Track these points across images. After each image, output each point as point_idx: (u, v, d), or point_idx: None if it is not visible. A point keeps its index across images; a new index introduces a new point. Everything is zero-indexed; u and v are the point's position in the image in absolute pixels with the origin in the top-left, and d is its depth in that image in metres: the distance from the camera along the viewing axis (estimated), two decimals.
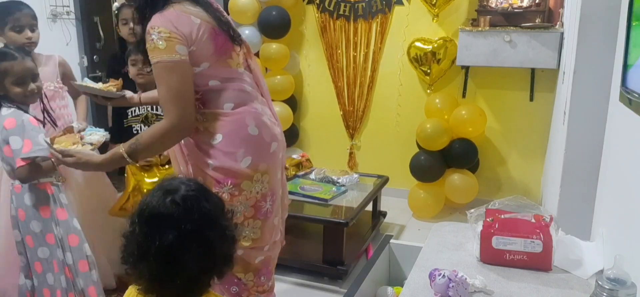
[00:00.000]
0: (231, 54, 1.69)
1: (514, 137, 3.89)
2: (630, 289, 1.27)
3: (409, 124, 4.05)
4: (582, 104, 2.19)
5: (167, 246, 1.11)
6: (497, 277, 1.64)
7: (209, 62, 1.63)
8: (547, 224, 1.70)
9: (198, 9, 1.62)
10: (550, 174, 3.08)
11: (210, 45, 1.62)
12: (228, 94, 1.67)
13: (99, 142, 1.86)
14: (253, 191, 1.69)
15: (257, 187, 1.69)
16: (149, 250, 1.11)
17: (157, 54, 1.54)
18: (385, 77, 4.15)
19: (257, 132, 1.69)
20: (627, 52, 1.58)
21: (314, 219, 2.97)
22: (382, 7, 4.03)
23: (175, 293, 1.17)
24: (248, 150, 1.66)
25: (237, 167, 1.65)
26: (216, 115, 1.66)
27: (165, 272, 1.13)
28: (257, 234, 1.74)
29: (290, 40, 4.22)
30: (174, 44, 1.53)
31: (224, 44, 1.66)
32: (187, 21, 1.56)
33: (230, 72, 1.69)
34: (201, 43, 1.59)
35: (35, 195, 2.08)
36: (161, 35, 1.52)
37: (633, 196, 1.48)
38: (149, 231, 1.13)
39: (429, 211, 3.82)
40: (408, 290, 1.62)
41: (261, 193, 1.70)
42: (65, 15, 3.65)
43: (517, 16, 3.49)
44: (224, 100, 1.67)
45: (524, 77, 3.72)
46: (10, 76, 1.99)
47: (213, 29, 1.62)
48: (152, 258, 1.12)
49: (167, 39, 1.52)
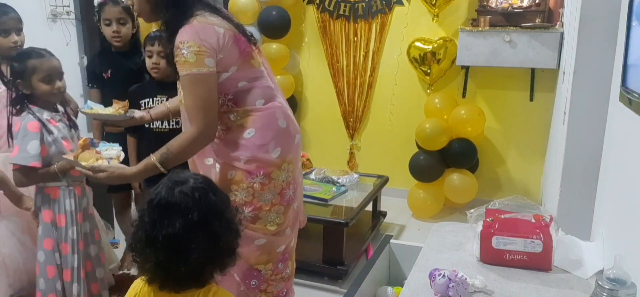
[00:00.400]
0: (252, 55, 1.78)
1: (514, 137, 3.89)
2: (630, 289, 1.27)
3: (408, 124, 4.05)
4: (582, 104, 2.19)
5: (174, 234, 1.16)
6: (497, 277, 1.64)
7: (237, 66, 1.72)
8: (547, 224, 1.70)
9: (218, 18, 1.70)
10: (550, 174, 3.08)
11: (235, 50, 1.70)
12: (257, 92, 1.77)
13: (118, 156, 1.88)
14: (280, 180, 1.79)
15: (283, 175, 1.80)
16: (157, 237, 1.17)
17: (186, 68, 1.61)
18: (385, 77, 4.15)
19: (286, 125, 1.80)
20: (627, 52, 1.58)
21: (314, 219, 2.96)
22: (382, 7, 4.03)
23: (179, 281, 1.21)
24: (278, 142, 1.77)
25: (268, 158, 1.75)
26: (249, 112, 1.75)
27: (171, 259, 1.17)
28: (281, 219, 1.83)
29: (290, 40, 4.22)
30: (203, 57, 1.61)
31: (246, 47, 1.75)
32: (212, 32, 1.64)
33: (255, 72, 1.78)
34: (227, 50, 1.67)
35: (41, 198, 2.09)
36: (191, 49, 1.60)
37: (633, 196, 1.48)
38: (157, 218, 1.18)
39: (428, 211, 3.82)
40: (408, 290, 1.62)
41: (286, 181, 1.81)
42: (65, 15, 3.65)
43: (517, 16, 3.49)
44: (255, 98, 1.76)
45: (524, 77, 3.72)
46: (38, 73, 2.00)
47: (235, 35, 1.71)
48: (159, 245, 1.17)
49: (197, 52, 1.60)
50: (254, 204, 1.76)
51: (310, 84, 4.42)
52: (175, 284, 1.22)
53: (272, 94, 1.81)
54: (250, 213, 1.76)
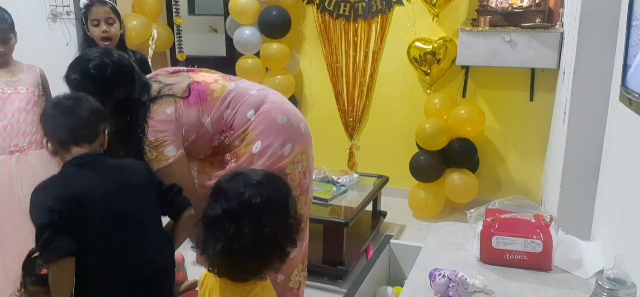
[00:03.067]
0: (207, 91, 1.78)
1: (514, 137, 3.89)
2: (630, 289, 1.27)
3: (408, 124, 4.05)
4: (582, 104, 2.19)
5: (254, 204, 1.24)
6: (497, 277, 1.64)
7: (205, 113, 1.75)
8: (547, 224, 1.69)
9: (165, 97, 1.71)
10: (550, 174, 3.08)
11: (193, 109, 1.73)
12: (242, 108, 1.78)
13: None
14: (296, 172, 1.82)
15: (299, 167, 1.83)
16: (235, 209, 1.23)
17: (154, 164, 1.69)
18: (385, 77, 4.15)
19: (286, 120, 1.81)
20: (627, 52, 1.58)
21: (314, 219, 2.95)
22: (382, 7, 4.03)
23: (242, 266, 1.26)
24: (286, 138, 1.79)
25: (281, 155, 1.77)
26: (246, 130, 1.77)
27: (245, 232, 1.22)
28: (303, 209, 1.85)
29: (290, 40, 4.21)
30: (163, 149, 1.68)
31: (197, 95, 1.75)
32: (165, 118, 1.68)
33: (226, 97, 1.78)
34: (187, 117, 1.71)
35: None
36: (151, 147, 1.68)
37: (633, 196, 1.48)
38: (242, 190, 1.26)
39: (429, 211, 3.82)
40: (408, 290, 1.62)
41: (302, 171, 1.85)
42: (65, 15, 3.64)
43: (517, 16, 3.49)
44: (244, 114, 1.78)
45: (524, 77, 3.72)
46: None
47: (183, 100, 1.72)
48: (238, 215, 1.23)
49: (155, 147, 1.68)
50: None
51: (310, 84, 4.42)
52: (239, 270, 1.27)
53: (259, 99, 1.80)
54: None
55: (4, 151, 2.32)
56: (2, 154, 2.32)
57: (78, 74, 1.62)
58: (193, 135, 1.74)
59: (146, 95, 1.69)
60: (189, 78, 1.80)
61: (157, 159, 1.67)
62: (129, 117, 1.66)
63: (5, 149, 2.32)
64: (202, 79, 1.81)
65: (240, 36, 4.07)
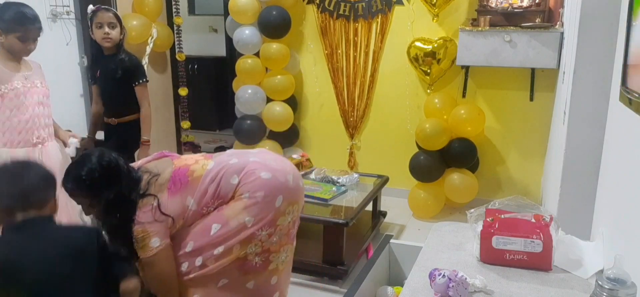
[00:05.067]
0: (188, 171, 1.83)
1: (514, 137, 3.89)
2: (630, 289, 1.27)
3: (409, 123, 4.05)
4: (582, 103, 2.19)
5: None
6: (497, 277, 1.64)
7: (188, 196, 1.79)
8: (547, 224, 1.69)
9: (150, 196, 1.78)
10: (550, 174, 3.08)
11: (176, 197, 1.78)
12: (225, 179, 1.82)
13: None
14: (285, 223, 1.88)
15: (288, 218, 1.88)
16: None
17: (141, 254, 1.77)
18: (385, 77, 4.15)
19: (270, 175, 1.84)
20: (627, 52, 1.58)
21: (314, 219, 2.96)
22: (382, 7, 4.03)
23: None
24: (274, 192, 1.82)
25: (273, 209, 1.82)
26: (234, 195, 1.82)
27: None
28: (289, 256, 1.97)
29: (290, 40, 4.21)
30: (148, 241, 1.75)
31: (178, 180, 1.80)
32: (149, 210, 1.74)
33: (206, 177, 1.82)
34: (172, 205, 1.77)
35: None
36: (138, 237, 1.75)
37: (633, 196, 1.48)
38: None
39: (429, 211, 3.82)
40: (408, 290, 1.62)
41: (292, 221, 1.91)
42: (65, 15, 3.65)
43: (517, 16, 3.49)
44: (228, 183, 1.82)
45: (524, 77, 3.72)
46: None
47: (168, 186, 1.79)
48: None
49: (142, 239, 1.75)
50: (264, 248, 1.84)
51: (310, 84, 4.42)
52: None
53: (240, 165, 1.85)
54: (260, 258, 1.85)
55: (28, 143, 2.37)
56: (26, 147, 2.35)
57: (71, 182, 1.72)
58: (180, 221, 1.81)
59: (134, 193, 1.76)
60: (171, 165, 1.87)
61: (143, 249, 1.76)
62: (119, 215, 1.75)
63: (28, 142, 2.37)
64: (184, 162, 1.88)
65: (240, 36, 4.07)
